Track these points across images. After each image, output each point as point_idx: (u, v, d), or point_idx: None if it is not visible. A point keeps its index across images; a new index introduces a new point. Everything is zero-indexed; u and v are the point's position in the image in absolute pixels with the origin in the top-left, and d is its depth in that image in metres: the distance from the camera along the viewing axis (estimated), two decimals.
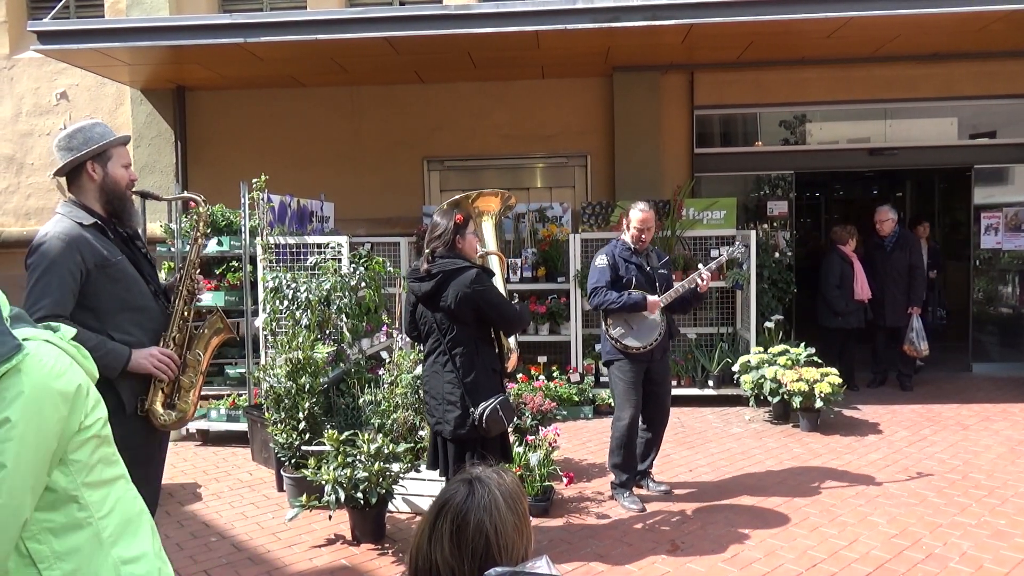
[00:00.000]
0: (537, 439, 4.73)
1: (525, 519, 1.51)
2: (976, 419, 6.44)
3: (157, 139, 8.47)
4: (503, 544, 1.43)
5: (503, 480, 1.52)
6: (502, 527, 1.44)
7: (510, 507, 1.47)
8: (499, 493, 1.48)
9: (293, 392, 4.76)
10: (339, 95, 8.43)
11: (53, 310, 2.61)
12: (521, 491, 1.54)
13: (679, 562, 3.87)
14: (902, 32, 6.93)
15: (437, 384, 3.67)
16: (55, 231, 2.71)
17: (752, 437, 6.08)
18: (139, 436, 2.83)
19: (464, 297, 3.51)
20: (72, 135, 2.81)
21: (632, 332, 4.62)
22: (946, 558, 3.84)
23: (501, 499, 1.47)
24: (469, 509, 1.44)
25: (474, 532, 1.42)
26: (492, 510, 1.44)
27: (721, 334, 7.58)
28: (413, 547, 1.49)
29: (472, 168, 8.60)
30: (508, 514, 1.45)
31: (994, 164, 8.31)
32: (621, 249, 4.75)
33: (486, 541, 1.41)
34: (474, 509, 1.44)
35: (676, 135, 8.28)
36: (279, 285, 5.24)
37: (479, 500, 1.46)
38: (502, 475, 1.54)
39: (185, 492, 5.09)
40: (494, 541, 1.42)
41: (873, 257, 7.62)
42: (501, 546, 1.42)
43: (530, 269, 7.55)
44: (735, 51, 7.53)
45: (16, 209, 8.64)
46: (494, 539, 1.42)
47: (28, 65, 8.51)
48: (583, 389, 6.91)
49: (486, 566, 1.39)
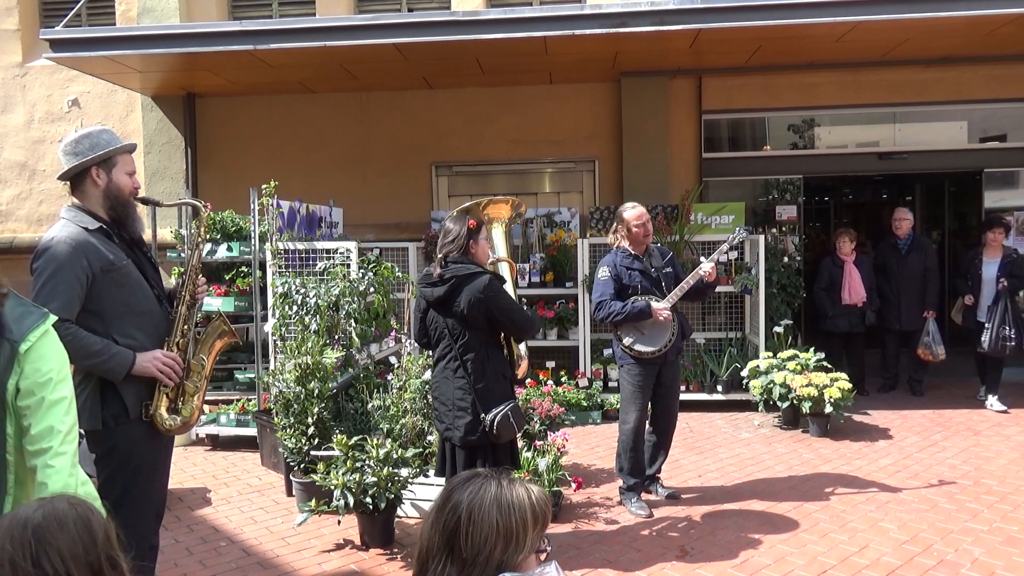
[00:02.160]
0: (545, 444, 4.72)
1: (512, 524, 1.51)
2: (987, 424, 6.39)
3: (167, 145, 8.52)
4: (472, 532, 1.49)
5: (515, 488, 1.56)
6: (478, 516, 1.50)
7: (500, 507, 1.51)
8: (496, 492, 1.53)
9: (302, 397, 4.78)
10: (348, 101, 8.47)
11: (60, 313, 2.62)
12: (522, 502, 1.54)
13: (688, 568, 3.86)
14: (911, 36, 6.91)
15: (447, 390, 3.67)
16: (60, 235, 2.73)
17: (761, 442, 6.06)
18: (143, 442, 2.84)
19: (477, 302, 3.52)
20: (79, 140, 2.83)
21: (643, 338, 4.61)
22: (958, 564, 3.82)
23: (493, 496, 1.52)
24: (454, 489, 1.56)
25: (450, 510, 1.52)
26: (476, 499, 1.52)
27: (730, 339, 7.56)
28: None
29: (480, 173, 8.61)
30: (492, 510, 1.50)
31: (1004, 168, 8.26)
32: (622, 257, 4.70)
33: (456, 521, 1.50)
34: (458, 490, 1.55)
35: (684, 140, 8.27)
36: (288, 290, 5.26)
37: (470, 487, 1.55)
38: (519, 486, 1.57)
39: (195, 497, 5.11)
40: (464, 528, 1.49)
41: (888, 260, 7.58)
42: (469, 532, 1.49)
43: (538, 274, 7.56)
44: (743, 55, 7.53)
45: (28, 215, 8.71)
46: (466, 526, 1.49)
47: (40, 72, 8.59)
48: (591, 394, 6.90)
49: (454, 542, 1.49)
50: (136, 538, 2.87)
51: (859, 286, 7.36)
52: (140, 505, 2.86)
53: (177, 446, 3.35)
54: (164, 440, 2.97)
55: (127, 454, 2.81)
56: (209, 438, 6.28)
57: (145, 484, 2.87)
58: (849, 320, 7.43)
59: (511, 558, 1.49)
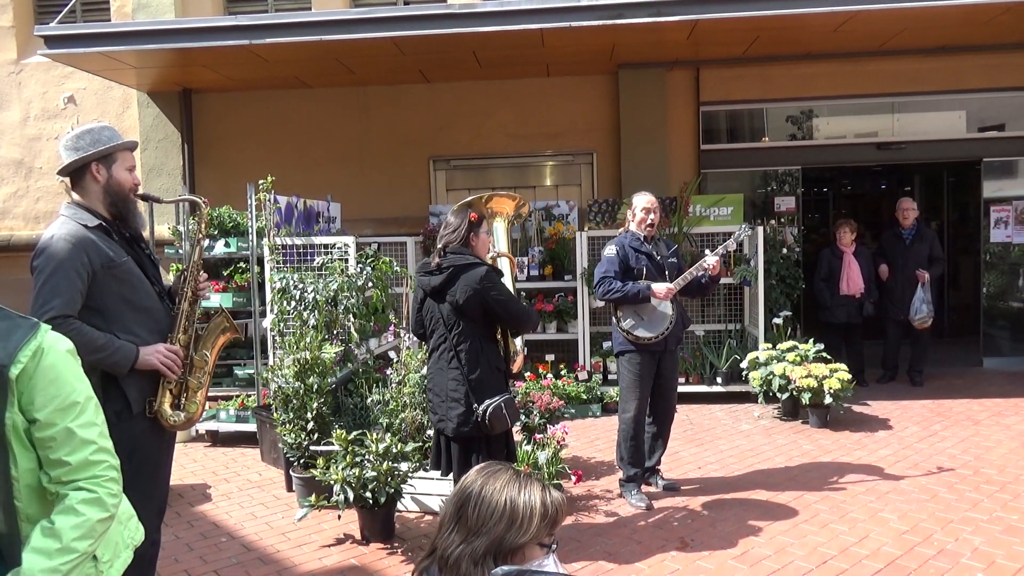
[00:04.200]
0: (545, 437, 4.73)
1: (524, 512, 1.59)
2: (987, 414, 6.40)
3: (164, 142, 8.50)
4: (481, 505, 1.60)
5: (532, 482, 1.65)
6: (488, 492, 1.61)
7: (512, 489, 1.61)
8: (511, 477, 1.64)
9: (301, 392, 4.77)
10: (345, 96, 8.45)
11: (63, 310, 2.62)
12: (538, 498, 1.62)
13: (689, 559, 3.87)
14: (909, 25, 6.89)
15: (441, 381, 3.66)
16: (60, 233, 2.71)
17: (761, 434, 6.06)
18: (146, 438, 2.84)
19: (473, 292, 3.51)
20: (80, 136, 2.82)
21: (643, 323, 4.61)
22: (958, 554, 3.82)
23: (508, 479, 1.63)
24: (478, 469, 1.69)
25: (468, 483, 1.65)
26: (491, 478, 1.64)
27: (729, 331, 7.55)
28: None
29: (478, 167, 8.60)
30: (504, 490, 1.61)
31: (1003, 157, 8.25)
32: (631, 240, 4.73)
33: (469, 494, 1.62)
34: (481, 472, 1.67)
35: (682, 132, 8.25)
36: (286, 286, 5.25)
37: (490, 468, 1.68)
38: (537, 482, 1.66)
39: (195, 493, 5.11)
40: (475, 498, 1.61)
41: (892, 249, 7.57)
42: (478, 505, 1.60)
43: (537, 267, 7.55)
44: (741, 46, 7.50)
45: (25, 213, 8.69)
46: (476, 496, 1.61)
47: (36, 69, 8.56)
48: (591, 387, 6.91)
49: (463, 511, 1.61)
50: None
51: (858, 277, 7.35)
52: (143, 501, 2.85)
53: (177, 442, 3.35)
54: (166, 436, 2.97)
55: (130, 450, 2.80)
56: (209, 434, 6.28)
57: (147, 480, 2.87)
58: (847, 311, 7.44)
59: (513, 538, 1.57)
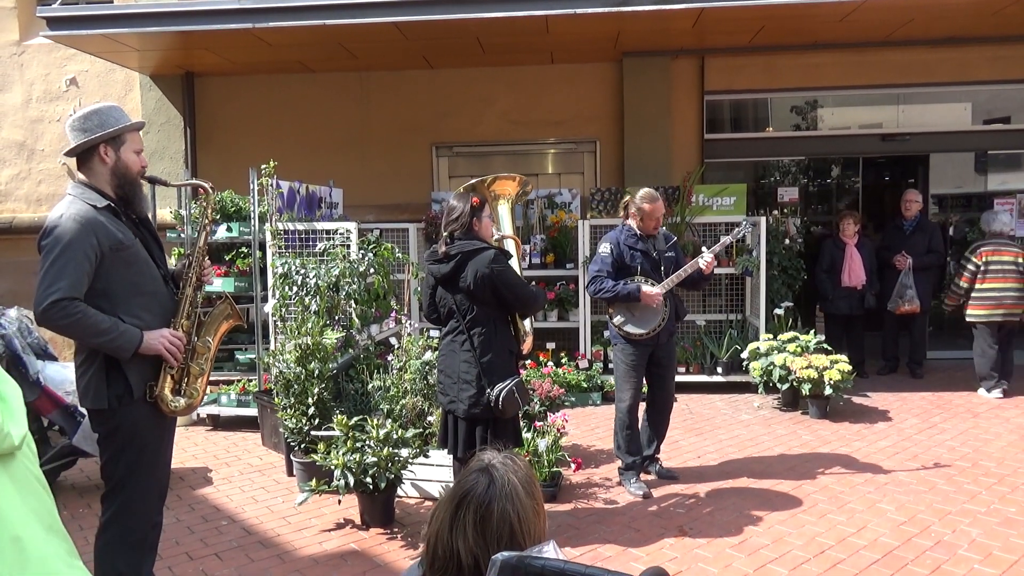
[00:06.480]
0: (545, 425, 4.74)
1: (540, 501, 1.56)
2: (986, 407, 6.41)
3: (166, 125, 8.48)
4: (526, 529, 1.48)
5: (518, 466, 1.56)
6: (523, 513, 1.49)
7: (528, 492, 1.53)
8: (517, 480, 1.53)
9: (303, 378, 4.79)
10: (348, 81, 8.41)
11: (68, 293, 2.60)
12: (533, 474, 1.59)
13: (687, 547, 3.88)
14: (916, 16, 6.84)
15: (453, 363, 3.70)
16: (70, 212, 2.68)
17: (761, 424, 6.07)
18: (148, 422, 2.84)
19: (482, 276, 3.55)
20: (87, 116, 2.79)
21: (633, 319, 4.61)
22: (955, 545, 3.84)
23: (520, 486, 1.52)
24: (492, 499, 1.49)
25: (498, 521, 1.47)
26: (513, 498, 1.49)
27: (730, 321, 7.56)
28: (431, 535, 1.51)
29: (481, 154, 8.57)
30: (527, 499, 1.51)
31: (1008, 150, 8.22)
32: (627, 236, 4.69)
33: (510, 528, 1.47)
34: (497, 498, 1.49)
35: (686, 121, 8.21)
36: (288, 271, 5.25)
37: (500, 489, 1.50)
38: (515, 461, 1.59)
39: (196, 476, 5.13)
40: (518, 528, 1.47)
41: (893, 240, 7.56)
42: (524, 531, 1.48)
43: (539, 255, 7.54)
44: (746, 35, 7.46)
45: (27, 195, 8.68)
46: (517, 526, 1.47)
47: (38, 51, 8.53)
48: (591, 375, 6.92)
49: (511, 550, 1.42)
50: (140, 516, 2.90)
51: (859, 269, 7.34)
52: (144, 484, 2.87)
53: (178, 426, 3.36)
54: (168, 420, 2.97)
55: (131, 434, 2.81)
56: (210, 418, 6.30)
57: (149, 464, 2.88)
58: (849, 303, 7.44)
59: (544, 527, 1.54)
